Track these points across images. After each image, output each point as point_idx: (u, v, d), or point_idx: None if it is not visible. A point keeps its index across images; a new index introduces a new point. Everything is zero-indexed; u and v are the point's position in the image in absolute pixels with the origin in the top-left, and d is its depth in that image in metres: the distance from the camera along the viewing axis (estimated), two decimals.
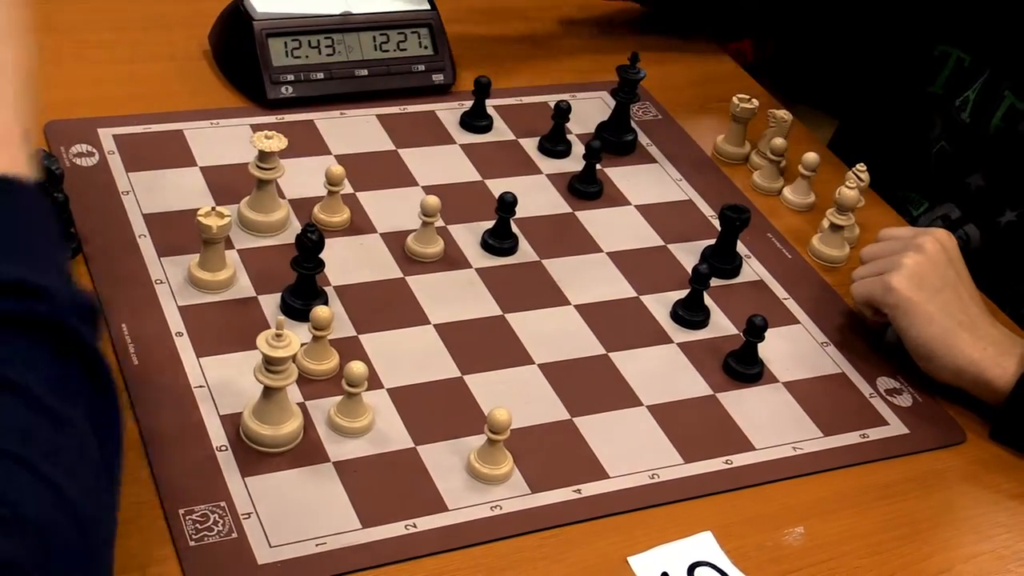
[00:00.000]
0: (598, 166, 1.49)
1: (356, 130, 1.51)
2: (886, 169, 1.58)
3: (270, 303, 1.25)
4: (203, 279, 1.25)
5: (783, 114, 1.59)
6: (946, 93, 1.62)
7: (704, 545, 1.11)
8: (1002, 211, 1.56)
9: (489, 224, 1.38)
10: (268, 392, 1.10)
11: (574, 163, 1.52)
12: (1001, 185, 1.56)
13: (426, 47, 1.59)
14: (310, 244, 1.21)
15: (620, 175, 1.53)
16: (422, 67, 1.59)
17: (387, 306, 1.28)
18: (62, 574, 0.80)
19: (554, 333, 1.29)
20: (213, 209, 1.23)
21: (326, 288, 1.28)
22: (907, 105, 1.67)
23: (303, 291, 1.24)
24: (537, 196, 1.47)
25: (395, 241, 1.36)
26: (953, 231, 1.55)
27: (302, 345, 1.16)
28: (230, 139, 1.45)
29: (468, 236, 1.39)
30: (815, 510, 1.17)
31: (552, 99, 1.59)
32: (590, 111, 1.63)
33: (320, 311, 1.15)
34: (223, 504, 1.06)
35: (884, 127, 1.73)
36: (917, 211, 1.64)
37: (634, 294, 1.36)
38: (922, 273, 1.28)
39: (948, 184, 1.62)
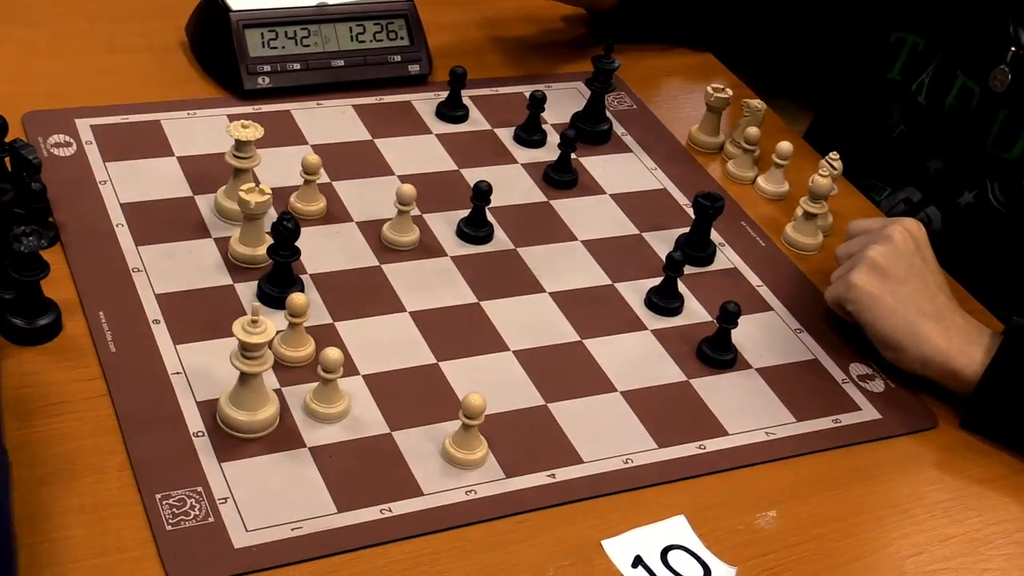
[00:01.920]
0: (573, 155, 1.50)
1: (332, 120, 1.52)
2: (851, 157, 1.60)
3: (246, 291, 1.26)
4: (243, 253, 1.28)
5: (757, 104, 1.60)
6: (903, 78, 1.64)
7: (677, 529, 1.12)
8: (960, 193, 1.58)
9: (465, 213, 1.39)
10: (244, 378, 1.10)
11: (549, 152, 1.53)
12: (958, 166, 1.58)
13: (402, 38, 1.60)
14: (286, 232, 1.22)
15: (595, 164, 1.54)
16: (398, 58, 1.59)
17: (363, 294, 1.29)
18: None
19: (529, 320, 1.30)
20: (257, 185, 1.25)
21: (302, 276, 1.28)
22: (868, 92, 1.69)
23: (279, 279, 1.24)
24: (512, 185, 1.48)
25: (371, 230, 1.37)
26: (914, 214, 1.58)
27: (278, 332, 1.17)
28: (207, 129, 1.46)
29: (444, 225, 1.40)
30: (788, 494, 1.18)
31: (527, 89, 1.60)
32: (565, 101, 1.63)
33: (296, 298, 1.16)
34: (200, 489, 1.06)
35: (848, 116, 1.75)
36: (880, 197, 1.66)
37: (608, 282, 1.37)
38: (885, 264, 1.29)
39: (909, 168, 1.64)
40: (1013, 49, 1.51)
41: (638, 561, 1.09)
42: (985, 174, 1.55)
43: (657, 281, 1.35)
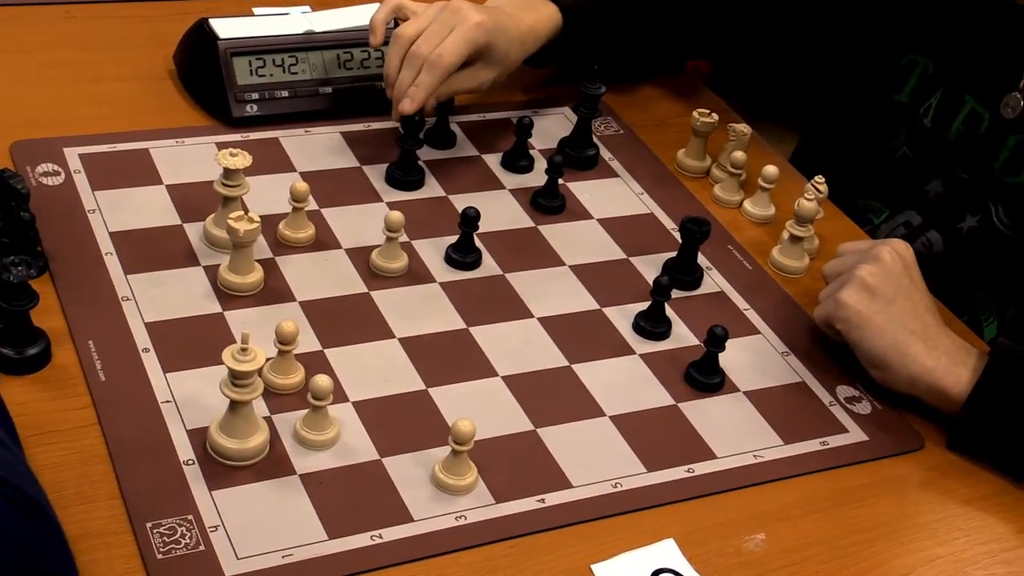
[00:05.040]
0: (560, 181, 1.51)
1: (320, 147, 1.53)
2: (848, 178, 1.60)
3: (235, 319, 1.26)
4: (233, 281, 1.28)
5: (743, 128, 1.61)
6: (912, 101, 1.63)
7: (667, 552, 1.13)
8: (963, 217, 1.58)
9: (453, 239, 1.40)
10: (234, 406, 1.11)
11: (537, 178, 1.54)
12: (959, 191, 1.59)
13: None
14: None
15: (582, 189, 1.55)
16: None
17: (352, 320, 1.30)
18: None
19: (517, 345, 1.31)
20: (246, 213, 1.25)
21: (291, 303, 1.29)
22: (873, 113, 1.69)
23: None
24: (500, 211, 1.49)
25: (360, 256, 1.37)
26: (915, 238, 1.57)
27: (268, 360, 1.17)
28: (195, 157, 1.46)
29: (432, 251, 1.40)
30: (776, 516, 1.19)
31: (515, 115, 1.60)
32: (552, 127, 1.64)
33: (285, 325, 1.16)
34: (190, 517, 1.07)
35: (848, 136, 1.74)
36: (878, 219, 1.66)
37: (596, 306, 1.38)
38: (875, 284, 1.30)
39: (908, 191, 1.64)
40: None
41: None
42: (989, 198, 1.56)
43: (645, 305, 1.36)
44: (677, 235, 1.47)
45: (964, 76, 1.58)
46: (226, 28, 1.53)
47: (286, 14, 1.60)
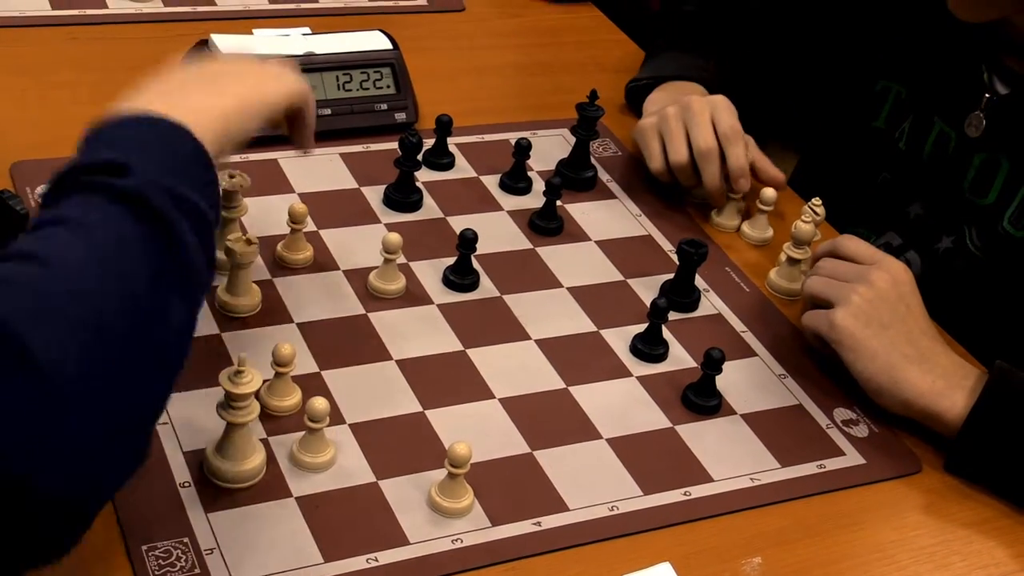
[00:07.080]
0: (558, 202, 1.51)
1: (319, 169, 1.53)
2: (839, 206, 1.61)
3: (233, 340, 1.26)
4: (230, 303, 1.29)
5: None
6: (887, 126, 1.66)
7: None
8: (939, 238, 1.59)
9: (450, 260, 1.40)
10: (230, 428, 1.11)
11: (535, 200, 1.54)
12: (937, 212, 1.60)
13: (388, 86, 1.61)
14: None
15: (580, 211, 1.55)
16: (385, 106, 1.61)
17: (349, 342, 1.29)
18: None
19: (515, 368, 1.31)
20: (244, 235, 1.25)
21: (288, 325, 1.29)
22: (855, 141, 1.71)
23: None
24: (498, 232, 1.49)
25: (357, 278, 1.37)
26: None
27: (264, 382, 1.17)
28: None
29: (430, 272, 1.40)
30: (773, 540, 1.19)
31: (513, 136, 1.60)
32: (550, 148, 1.65)
33: (282, 347, 1.16)
34: (186, 540, 1.06)
35: (836, 164, 1.76)
36: None
37: (594, 328, 1.38)
38: (869, 310, 1.30)
39: (890, 214, 1.65)
40: (987, 96, 1.53)
41: None
42: (963, 220, 1.57)
43: (642, 327, 1.36)
44: (675, 257, 1.47)
45: (931, 99, 1.60)
46: (227, 49, 1.53)
47: (286, 35, 1.60)
